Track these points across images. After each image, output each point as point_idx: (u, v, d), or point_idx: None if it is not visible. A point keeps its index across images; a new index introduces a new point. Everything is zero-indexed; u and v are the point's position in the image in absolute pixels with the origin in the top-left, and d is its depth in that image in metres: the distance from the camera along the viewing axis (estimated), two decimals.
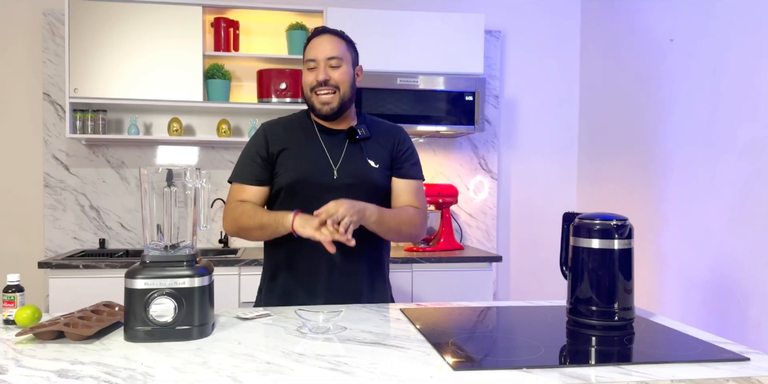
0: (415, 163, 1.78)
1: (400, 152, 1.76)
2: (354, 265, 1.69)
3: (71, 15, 2.79)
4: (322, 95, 1.65)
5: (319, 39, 1.68)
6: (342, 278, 1.68)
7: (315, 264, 1.67)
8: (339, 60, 1.66)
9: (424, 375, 1.05)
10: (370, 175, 1.70)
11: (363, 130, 1.72)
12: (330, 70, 1.66)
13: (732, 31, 2.35)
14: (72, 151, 3.10)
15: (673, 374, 1.06)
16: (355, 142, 1.72)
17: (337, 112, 1.68)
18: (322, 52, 1.66)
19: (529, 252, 3.52)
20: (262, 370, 1.07)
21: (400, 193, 1.75)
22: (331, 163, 1.69)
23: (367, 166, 1.71)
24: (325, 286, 1.67)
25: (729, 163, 2.34)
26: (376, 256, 1.74)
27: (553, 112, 3.54)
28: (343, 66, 1.67)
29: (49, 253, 3.09)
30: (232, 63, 3.15)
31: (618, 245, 1.38)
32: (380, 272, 1.76)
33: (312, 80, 1.66)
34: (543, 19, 3.52)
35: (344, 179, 1.68)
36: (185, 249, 1.35)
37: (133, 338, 1.24)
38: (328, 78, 1.65)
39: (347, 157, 1.71)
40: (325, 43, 1.67)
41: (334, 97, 1.66)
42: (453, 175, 3.42)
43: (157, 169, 1.35)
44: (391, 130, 1.80)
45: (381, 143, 1.75)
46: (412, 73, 3.01)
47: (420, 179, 1.79)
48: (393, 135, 1.77)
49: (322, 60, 1.65)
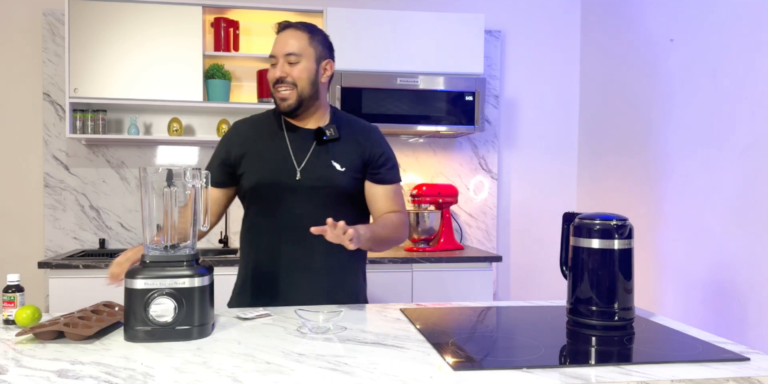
0: (391, 167, 1.73)
1: (375, 157, 1.70)
2: (327, 265, 1.66)
3: (71, 15, 2.79)
4: (281, 91, 1.63)
5: (282, 34, 1.65)
6: (313, 278, 1.65)
7: (287, 263, 1.65)
8: (297, 56, 1.62)
9: (424, 375, 1.05)
10: (335, 178, 1.65)
11: (332, 130, 1.67)
12: (287, 66, 1.62)
13: (732, 31, 2.35)
14: (72, 151, 3.10)
15: (673, 374, 1.06)
16: (322, 143, 1.67)
17: (296, 108, 1.64)
18: (281, 49, 1.63)
19: (529, 252, 3.52)
20: (262, 370, 1.07)
21: (379, 199, 1.70)
22: (294, 164, 1.65)
23: (332, 168, 1.65)
24: (297, 285, 1.65)
25: (729, 163, 2.34)
26: (347, 256, 1.68)
27: (553, 112, 3.54)
28: (302, 62, 1.63)
29: (49, 253, 3.10)
30: (232, 63, 3.15)
31: (618, 245, 1.38)
32: (353, 272, 1.73)
33: (272, 77, 1.64)
34: (543, 19, 3.52)
35: (307, 181, 1.64)
36: (185, 249, 1.35)
37: (133, 338, 1.24)
38: (284, 75, 1.62)
39: (312, 158, 1.66)
40: (286, 39, 1.64)
41: (291, 94, 1.62)
42: (453, 175, 3.42)
43: (157, 169, 1.35)
44: (364, 131, 1.74)
45: (351, 145, 1.69)
46: (412, 73, 3.01)
47: (397, 182, 1.74)
48: (366, 137, 1.72)
49: (280, 56, 1.62)
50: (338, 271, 1.69)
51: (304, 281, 1.65)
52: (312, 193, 1.63)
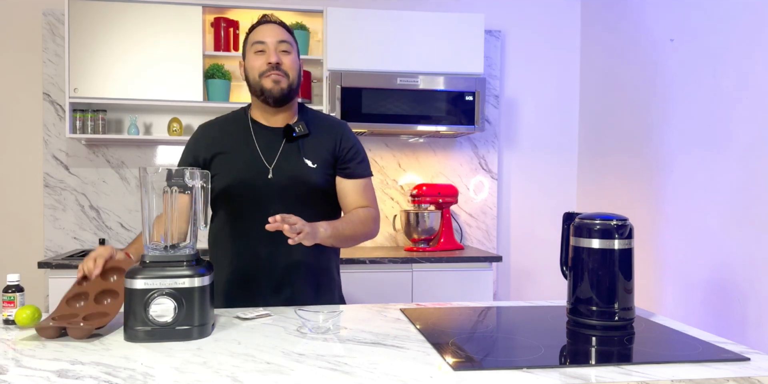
0: (360, 161, 1.70)
1: (344, 151, 1.67)
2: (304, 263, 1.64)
3: (71, 15, 2.79)
4: (274, 76, 1.59)
5: (267, 25, 1.64)
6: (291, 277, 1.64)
7: (264, 264, 1.63)
8: (289, 45, 1.62)
9: (424, 375, 1.05)
10: (307, 175, 1.63)
11: (301, 127, 1.65)
12: (281, 54, 1.61)
13: (732, 31, 2.35)
14: (72, 151, 3.10)
15: (673, 374, 1.06)
16: (291, 140, 1.65)
17: (287, 95, 1.62)
18: (271, 36, 1.61)
19: (529, 252, 3.52)
20: (262, 370, 1.07)
21: (348, 194, 1.68)
22: (265, 163, 1.63)
23: (304, 165, 1.63)
24: (275, 286, 1.63)
25: (729, 163, 2.34)
26: (322, 253, 1.67)
27: (553, 112, 3.54)
28: (293, 53, 1.63)
29: (49, 253, 3.09)
30: (232, 63, 3.15)
31: (618, 245, 1.38)
32: (329, 269, 1.71)
33: (261, 64, 1.60)
34: (543, 19, 3.52)
35: (279, 180, 1.61)
36: (185, 249, 1.35)
37: (133, 338, 1.24)
38: (280, 61, 1.60)
39: (283, 156, 1.63)
40: (274, 28, 1.63)
41: (284, 80, 1.61)
42: (453, 175, 3.42)
43: (157, 169, 1.35)
44: (333, 126, 1.72)
45: (321, 141, 1.67)
46: (412, 73, 3.01)
47: (367, 177, 1.71)
48: (335, 132, 1.69)
49: (272, 43, 1.60)
50: (315, 268, 1.67)
51: (283, 281, 1.64)
52: (284, 191, 1.61)
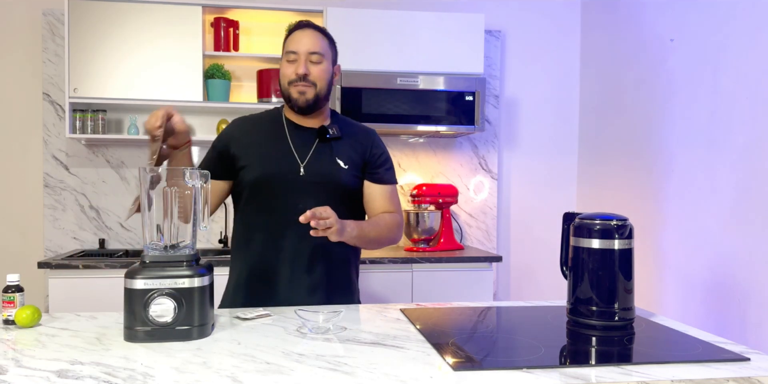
0: (389, 168, 1.77)
1: (375, 157, 1.74)
2: (326, 260, 1.66)
3: (71, 15, 2.79)
4: (301, 87, 1.64)
5: (302, 32, 1.66)
6: (312, 273, 1.65)
7: (288, 258, 1.64)
8: (320, 56, 1.65)
9: (424, 375, 1.05)
10: (338, 174, 1.67)
11: (335, 129, 1.70)
12: (310, 65, 1.64)
13: (732, 31, 2.35)
14: (72, 151, 3.10)
15: (673, 374, 1.06)
16: (325, 141, 1.70)
17: (312, 105, 1.66)
18: (304, 46, 1.64)
19: (529, 252, 3.52)
20: (262, 370, 1.07)
21: (376, 199, 1.73)
22: (297, 159, 1.67)
23: (336, 165, 1.68)
24: (297, 281, 1.64)
25: (729, 163, 2.34)
26: (345, 252, 1.70)
27: (553, 112, 3.54)
28: (323, 62, 1.66)
29: (48, 253, 3.09)
30: (232, 63, 3.15)
31: (618, 245, 1.38)
32: (349, 267, 1.73)
33: (291, 73, 1.64)
34: (543, 19, 3.52)
35: (311, 177, 1.65)
36: (185, 249, 1.35)
37: (133, 338, 1.24)
38: (307, 72, 1.63)
39: (315, 155, 1.68)
40: (309, 37, 1.65)
41: (311, 90, 1.64)
42: (453, 175, 3.42)
43: (157, 170, 1.34)
44: (364, 132, 1.78)
45: (352, 145, 1.73)
46: (412, 73, 3.01)
47: (394, 183, 1.78)
48: (366, 138, 1.76)
49: (303, 53, 1.63)
50: (337, 266, 1.70)
51: (305, 277, 1.65)
52: (315, 188, 1.64)
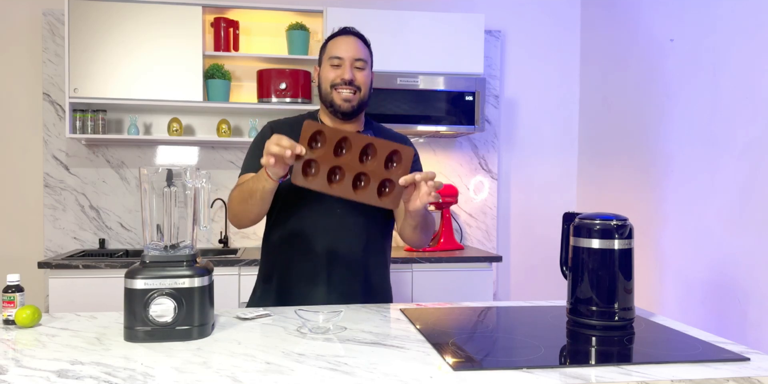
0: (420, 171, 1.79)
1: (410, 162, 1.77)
2: (353, 268, 1.68)
3: (71, 15, 2.79)
4: (346, 93, 1.66)
5: (347, 38, 1.69)
6: (340, 281, 1.67)
7: (312, 267, 1.66)
8: (364, 62, 1.68)
9: (424, 375, 1.05)
10: None
11: (370, 135, 1.72)
12: (355, 71, 1.67)
13: (732, 31, 2.35)
14: (72, 151, 3.10)
15: (673, 374, 1.06)
16: None
17: (356, 110, 1.69)
18: (348, 52, 1.66)
19: (529, 252, 3.52)
20: (262, 370, 1.07)
21: None
22: None
23: None
24: (323, 289, 1.66)
25: (729, 163, 2.34)
26: (376, 259, 1.73)
27: (553, 112, 3.54)
28: (366, 69, 1.70)
29: (49, 253, 3.09)
30: (232, 63, 3.15)
31: (618, 245, 1.38)
32: (381, 275, 1.75)
33: (335, 77, 1.66)
34: (543, 19, 3.52)
35: None
36: (185, 249, 1.35)
37: (133, 338, 1.24)
38: (353, 78, 1.66)
39: None
40: (353, 44, 1.68)
41: (355, 97, 1.67)
42: (453, 175, 3.42)
43: (157, 169, 1.34)
44: (398, 138, 1.81)
45: None
46: (412, 73, 3.01)
47: None
48: (401, 143, 1.77)
49: (348, 59, 1.66)
50: (374, 268, 1.72)
51: (341, 280, 1.67)
52: None
